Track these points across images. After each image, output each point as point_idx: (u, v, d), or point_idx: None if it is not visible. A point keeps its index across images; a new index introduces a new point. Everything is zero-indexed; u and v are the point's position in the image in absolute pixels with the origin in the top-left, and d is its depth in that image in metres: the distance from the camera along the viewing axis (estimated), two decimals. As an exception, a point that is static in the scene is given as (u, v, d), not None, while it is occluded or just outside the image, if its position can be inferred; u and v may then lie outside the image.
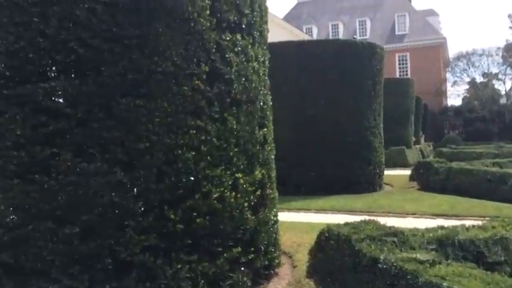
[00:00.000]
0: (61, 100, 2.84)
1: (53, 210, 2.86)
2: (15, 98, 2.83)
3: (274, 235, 4.09)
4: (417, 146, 21.10)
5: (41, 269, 2.87)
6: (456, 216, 7.22)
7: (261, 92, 4.16)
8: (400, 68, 40.79)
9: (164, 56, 3.14)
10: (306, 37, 30.94)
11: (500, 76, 41.57)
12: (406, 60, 40.82)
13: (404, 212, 7.77)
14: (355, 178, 10.14)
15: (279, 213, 4.44)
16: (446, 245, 3.48)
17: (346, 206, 8.30)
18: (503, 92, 41.31)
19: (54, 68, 2.86)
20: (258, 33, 4.15)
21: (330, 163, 9.95)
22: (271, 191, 4.14)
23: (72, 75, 2.88)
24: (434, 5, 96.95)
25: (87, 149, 2.88)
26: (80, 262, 2.89)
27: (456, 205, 8.23)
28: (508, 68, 41.33)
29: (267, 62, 4.46)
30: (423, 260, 2.90)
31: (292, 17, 45.97)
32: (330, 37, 40.83)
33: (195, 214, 3.17)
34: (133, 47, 3.01)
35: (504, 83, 41.68)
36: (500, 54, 41.30)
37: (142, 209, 2.98)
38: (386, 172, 12.00)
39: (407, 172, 12.66)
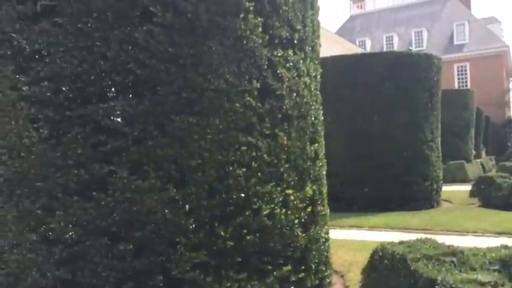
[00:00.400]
0: (119, 119, 2.97)
1: (108, 226, 2.96)
2: (77, 119, 2.97)
3: (325, 253, 4.01)
4: (478, 160, 20.02)
5: (96, 284, 2.95)
6: (522, 234, 6.78)
7: (313, 107, 4.13)
8: (459, 78, 39.10)
9: (217, 73, 3.20)
10: (359, 50, 30.58)
11: None
12: (465, 70, 39.08)
13: (464, 230, 7.40)
14: (411, 194, 9.80)
15: (330, 231, 4.35)
16: (510, 265, 3.26)
17: (401, 224, 8.01)
18: None
19: (113, 89, 3.01)
20: (310, 48, 4.14)
21: (384, 179, 9.68)
22: (322, 208, 4.08)
23: (130, 95, 3.01)
24: (495, 12, 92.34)
25: (142, 167, 2.97)
26: (132, 278, 2.95)
27: (521, 223, 7.71)
28: None
29: (318, 77, 4.43)
30: (485, 281, 2.75)
31: (345, 31, 45.72)
32: (384, 49, 40.08)
33: (245, 231, 3.18)
34: (188, 66, 3.09)
35: None
36: None
37: (194, 225, 3.02)
38: (445, 188, 11.48)
39: (467, 188, 12.04)
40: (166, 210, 2.94)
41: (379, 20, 46.89)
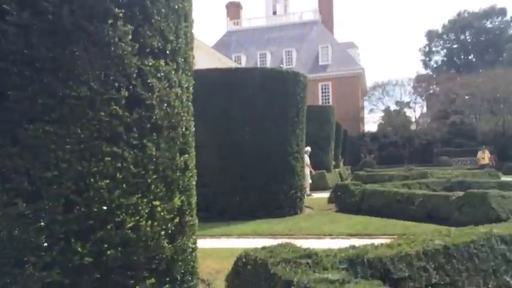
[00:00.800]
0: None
1: None
2: None
3: (192, 263, 4.03)
4: (336, 169, 22.12)
5: None
6: (369, 235, 7.67)
7: (184, 117, 4.15)
8: (322, 96, 43.07)
9: (80, 80, 3.04)
10: (234, 65, 31.74)
11: (411, 104, 45.43)
12: (328, 88, 43.23)
13: (322, 234, 8.09)
14: (278, 202, 10.40)
15: (200, 240, 4.40)
16: (356, 263, 3.63)
17: (267, 230, 8.44)
18: (413, 119, 45.11)
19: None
20: (183, 60, 4.16)
21: (254, 188, 10.12)
22: (190, 218, 4.10)
23: (-27, 100, 2.69)
24: (354, 38, 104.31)
25: (-16, 179, 2.66)
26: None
27: (369, 225, 8.73)
28: (418, 97, 45.34)
29: (191, 88, 4.47)
30: (334, 279, 3.01)
31: (221, 45, 47.04)
32: (258, 65, 42.19)
33: (105, 246, 3.04)
34: (46, 70, 2.88)
35: (414, 110, 45.73)
36: (412, 85, 45.31)
37: (46, 242, 2.80)
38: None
39: (327, 195, 13.22)
40: (13, 227, 2.67)
41: (254, 37, 49.31)
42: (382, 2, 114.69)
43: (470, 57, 67.21)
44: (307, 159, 15.22)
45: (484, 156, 23.60)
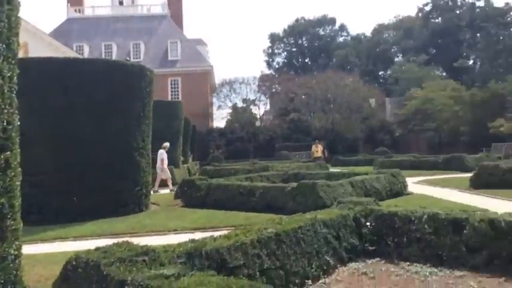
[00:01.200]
0: None
1: None
2: None
3: (15, 271, 3.64)
4: (185, 165, 22.27)
5: None
6: (212, 228, 7.89)
7: (5, 111, 3.74)
8: (172, 91, 42.85)
9: None
10: (75, 55, 29.29)
11: (256, 102, 48.35)
12: (177, 84, 43.18)
13: (167, 230, 8.06)
14: (123, 200, 10.03)
15: (30, 246, 4.01)
16: (194, 256, 3.73)
17: (108, 230, 8.07)
18: (258, 116, 48.11)
19: None
20: (5, 46, 3.74)
21: (96, 186, 9.54)
22: (13, 222, 3.70)
23: None
24: (203, 36, 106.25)
25: None
26: None
27: (213, 218, 9.01)
28: (262, 95, 48.53)
29: (15, 78, 4.03)
30: (169, 274, 3.04)
31: (61, 33, 42.87)
32: (103, 57, 39.72)
33: None
34: None
35: (259, 108, 48.81)
36: (257, 84, 48.25)
37: None
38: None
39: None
40: None
41: (98, 27, 46.28)
42: (230, 2, 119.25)
43: (306, 60, 74.68)
44: (165, 155, 15.09)
45: (318, 150, 26.33)
